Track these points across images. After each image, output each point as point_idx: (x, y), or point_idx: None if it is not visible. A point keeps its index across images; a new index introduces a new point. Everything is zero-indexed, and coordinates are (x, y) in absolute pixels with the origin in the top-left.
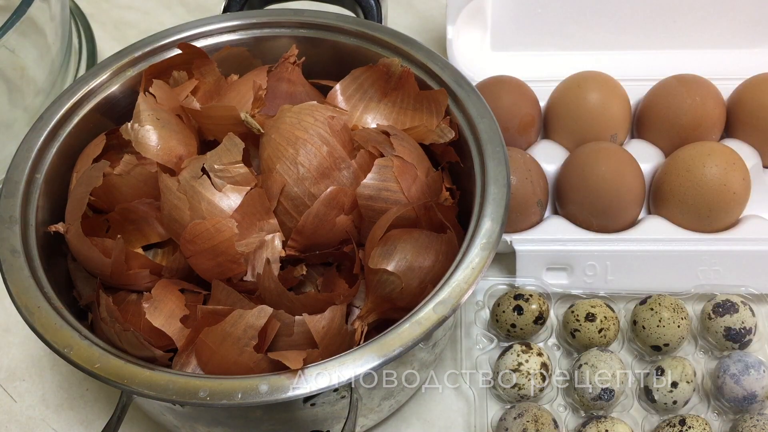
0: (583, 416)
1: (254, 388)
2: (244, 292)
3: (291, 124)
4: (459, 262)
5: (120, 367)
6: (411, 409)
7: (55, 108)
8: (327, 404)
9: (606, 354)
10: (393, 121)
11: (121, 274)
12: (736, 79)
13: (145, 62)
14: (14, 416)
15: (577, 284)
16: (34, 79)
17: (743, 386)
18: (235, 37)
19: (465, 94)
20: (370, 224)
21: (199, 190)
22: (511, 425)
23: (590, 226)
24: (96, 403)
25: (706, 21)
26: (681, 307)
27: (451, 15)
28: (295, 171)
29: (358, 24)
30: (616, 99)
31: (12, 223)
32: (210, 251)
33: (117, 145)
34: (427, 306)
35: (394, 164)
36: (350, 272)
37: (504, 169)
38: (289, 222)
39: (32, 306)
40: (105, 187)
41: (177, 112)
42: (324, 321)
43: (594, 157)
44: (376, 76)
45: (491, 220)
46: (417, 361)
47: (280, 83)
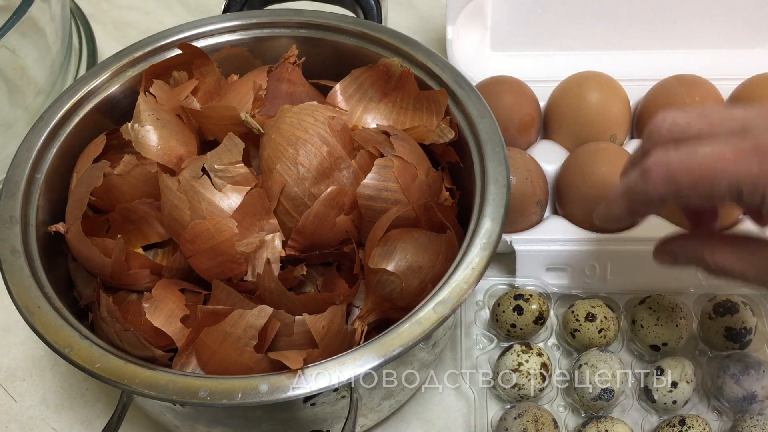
0: (583, 416)
1: (254, 388)
2: (244, 292)
3: (291, 124)
4: (459, 262)
5: (120, 367)
6: (411, 409)
7: (56, 108)
8: (327, 404)
9: (606, 354)
10: (393, 122)
11: (121, 274)
12: (736, 79)
13: (145, 62)
14: (15, 416)
15: (577, 284)
16: (35, 79)
17: (743, 386)
18: (235, 37)
19: (465, 94)
20: (370, 224)
21: (200, 190)
22: (511, 425)
23: (590, 226)
24: (96, 403)
25: (706, 21)
26: (679, 307)
27: (451, 15)
28: (295, 171)
29: (358, 24)
30: (616, 99)
31: (12, 223)
32: (210, 251)
33: (117, 145)
34: (427, 306)
35: (394, 164)
36: (350, 272)
37: (504, 169)
38: (289, 222)
39: (32, 306)
40: (105, 187)
41: (177, 112)
42: (324, 321)
43: (594, 157)
44: (376, 76)
45: (491, 220)
46: (417, 361)
47: (280, 83)
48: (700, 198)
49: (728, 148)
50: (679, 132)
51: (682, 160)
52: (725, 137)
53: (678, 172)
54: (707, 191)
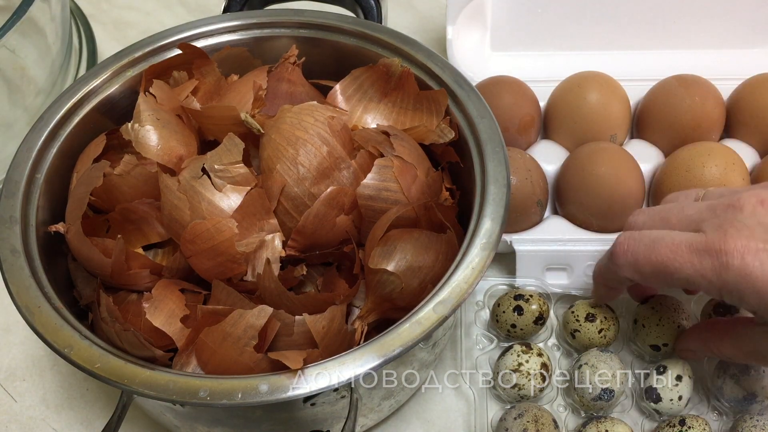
0: (583, 416)
1: (254, 388)
2: (244, 292)
3: (291, 124)
4: (459, 262)
5: (120, 367)
6: (411, 409)
7: (56, 108)
8: (327, 404)
9: (606, 354)
10: (393, 122)
11: (121, 274)
12: (736, 79)
13: (145, 62)
14: (15, 416)
15: (577, 284)
16: (35, 79)
17: (743, 386)
18: (235, 37)
19: (465, 94)
20: (370, 224)
21: (200, 190)
22: (512, 425)
23: (590, 226)
24: (96, 403)
25: (706, 21)
26: (682, 308)
27: (451, 15)
28: (295, 171)
29: (358, 24)
30: (616, 99)
31: (12, 223)
32: (210, 251)
33: (117, 145)
34: (427, 306)
35: (394, 164)
36: (350, 272)
37: (504, 169)
38: (289, 222)
39: (32, 306)
40: (105, 187)
41: (177, 112)
42: (324, 321)
43: (594, 158)
44: (376, 76)
45: (491, 220)
46: (417, 361)
47: (280, 83)
48: (661, 285)
49: (684, 244)
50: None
51: (644, 250)
52: (685, 227)
53: (641, 262)
54: (667, 281)
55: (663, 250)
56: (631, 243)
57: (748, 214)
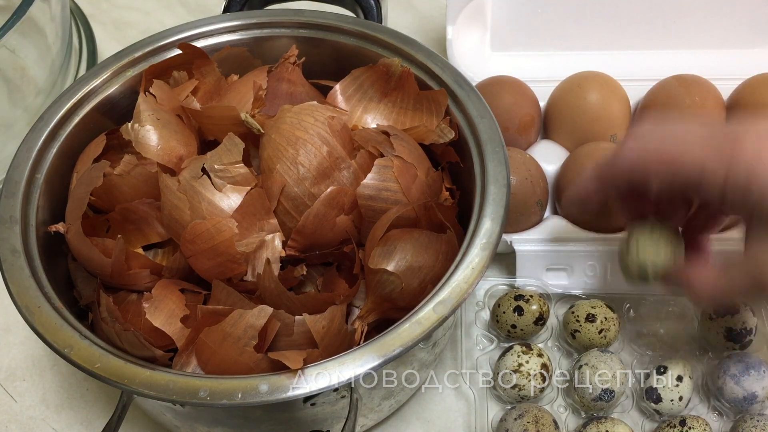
0: (583, 417)
1: (254, 388)
2: (244, 292)
3: (291, 124)
4: (459, 262)
5: (120, 367)
6: (411, 409)
7: (56, 108)
8: (327, 404)
9: (606, 354)
10: (393, 122)
11: (121, 274)
12: (736, 79)
13: (145, 62)
14: (14, 416)
15: (577, 285)
16: (35, 79)
17: (743, 387)
18: (235, 37)
19: (465, 94)
20: (370, 224)
21: (200, 190)
22: (512, 426)
23: (590, 226)
24: (96, 403)
25: (706, 21)
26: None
27: (451, 15)
28: (295, 171)
29: (358, 24)
30: (616, 99)
31: (12, 223)
32: (210, 251)
33: (117, 145)
34: (427, 306)
35: (394, 164)
36: (350, 272)
37: (504, 169)
38: (289, 222)
39: (32, 306)
40: (105, 187)
41: (177, 112)
42: (324, 321)
43: (594, 157)
44: (376, 76)
45: (491, 220)
46: (417, 361)
47: (280, 83)
48: (663, 180)
49: (696, 130)
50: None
51: (656, 137)
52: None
53: (650, 149)
54: (671, 170)
55: (675, 133)
56: (643, 135)
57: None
